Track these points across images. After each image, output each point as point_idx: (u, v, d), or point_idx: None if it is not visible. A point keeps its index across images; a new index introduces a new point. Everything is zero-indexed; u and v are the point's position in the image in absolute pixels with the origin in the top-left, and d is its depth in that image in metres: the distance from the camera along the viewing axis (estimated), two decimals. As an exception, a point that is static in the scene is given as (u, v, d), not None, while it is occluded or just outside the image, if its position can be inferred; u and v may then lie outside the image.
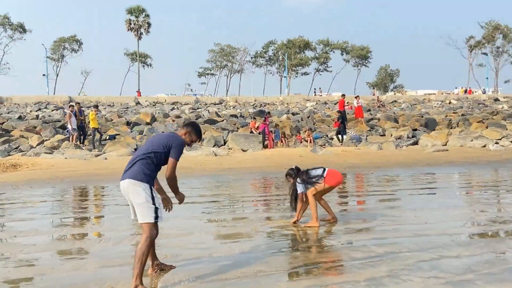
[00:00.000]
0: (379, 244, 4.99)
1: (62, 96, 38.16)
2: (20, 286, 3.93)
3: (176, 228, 5.91)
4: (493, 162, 13.99)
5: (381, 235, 5.45)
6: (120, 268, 4.33)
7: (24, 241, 5.42)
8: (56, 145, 15.94)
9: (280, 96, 48.40)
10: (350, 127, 21.51)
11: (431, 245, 4.92)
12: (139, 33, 57.05)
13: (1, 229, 6.23)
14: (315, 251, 4.89)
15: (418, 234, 5.45)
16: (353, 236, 5.46)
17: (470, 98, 43.54)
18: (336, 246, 5.07)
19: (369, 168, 12.77)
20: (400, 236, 5.34)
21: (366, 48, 72.91)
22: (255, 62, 72.35)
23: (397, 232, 5.55)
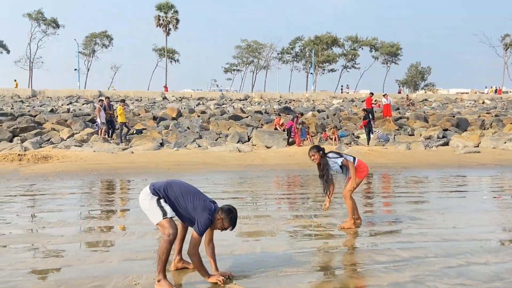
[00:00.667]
0: (404, 248, 4.86)
1: (92, 91, 39.09)
2: (48, 276, 4.04)
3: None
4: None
5: (407, 238, 5.31)
6: (144, 262, 4.38)
7: (53, 232, 5.57)
8: (85, 138, 16.35)
9: (306, 92, 48.03)
10: (377, 125, 21.14)
11: (458, 251, 4.76)
12: (168, 29, 57.72)
13: (31, 220, 6.43)
14: (337, 252, 4.81)
15: (445, 238, 5.28)
16: (377, 238, 5.34)
17: (504, 98, 41.99)
18: (360, 248, 4.97)
19: (396, 169, 12.50)
20: (426, 241, 5.19)
21: (396, 45, 71.31)
22: (281, 58, 71.99)
23: (424, 236, 5.40)
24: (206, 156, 14.00)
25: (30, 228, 5.93)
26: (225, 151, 15.06)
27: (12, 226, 5.88)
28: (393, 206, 7.65)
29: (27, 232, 5.68)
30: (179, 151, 15.03)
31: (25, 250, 4.78)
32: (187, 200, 3.79)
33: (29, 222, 6.29)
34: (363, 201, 7.92)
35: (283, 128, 18.46)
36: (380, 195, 8.87)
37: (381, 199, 8.44)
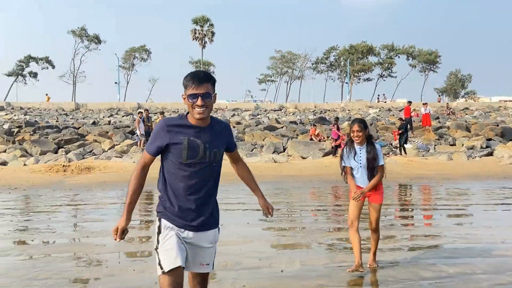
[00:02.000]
0: (450, 264, 4.66)
1: (132, 103, 40.39)
2: (91, 285, 4.15)
3: (235, 235, 5.95)
4: None
5: (452, 253, 5.09)
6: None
7: (96, 241, 5.74)
8: (125, 149, 16.85)
9: (341, 102, 47.53)
10: (416, 135, 20.57)
11: (508, 267, 4.51)
12: (203, 42, 58.96)
13: (75, 229, 6.67)
14: (379, 267, 4.67)
15: (494, 254, 5.02)
16: (421, 253, 5.15)
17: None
18: (402, 263, 4.81)
19: (437, 180, 12.07)
20: (473, 256, 4.96)
21: (435, 53, 69.53)
22: (315, 68, 71.83)
23: (470, 251, 5.16)
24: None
25: (74, 237, 6.14)
26: (260, 162, 15.07)
27: (57, 235, 6.11)
28: (436, 219, 7.37)
29: (71, 241, 5.88)
30: (215, 162, 15.16)
31: (70, 259, 4.95)
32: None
33: (73, 231, 6.52)
34: (402, 214, 7.68)
35: (318, 138, 18.32)
36: (421, 207, 8.58)
37: (423, 212, 8.16)
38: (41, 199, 9.28)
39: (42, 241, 5.81)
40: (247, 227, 6.55)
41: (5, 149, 16.13)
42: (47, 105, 39.03)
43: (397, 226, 6.84)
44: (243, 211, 7.98)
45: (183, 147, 2.39)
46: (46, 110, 35.64)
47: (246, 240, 5.77)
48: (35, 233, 6.21)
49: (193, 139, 2.41)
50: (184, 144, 2.40)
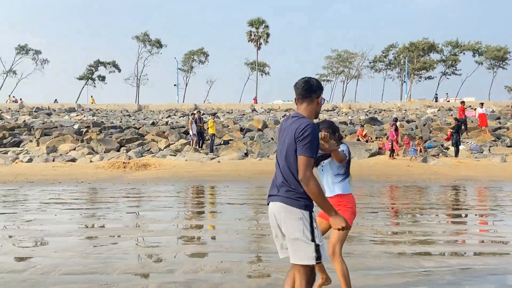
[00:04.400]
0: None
1: (189, 104, 42.30)
2: (148, 260, 4.97)
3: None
4: None
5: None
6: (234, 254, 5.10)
7: (145, 227, 6.62)
8: (179, 148, 18.06)
9: (398, 102, 46.28)
10: (471, 136, 19.87)
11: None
12: (259, 43, 60.03)
13: (128, 217, 7.62)
14: (458, 272, 5.01)
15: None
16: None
17: None
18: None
19: (482, 182, 11.82)
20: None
21: (504, 49, 65.19)
22: (373, 67, 70.26)
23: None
24: (267, 166, 14.57)
25: (127, 224, 7.07)
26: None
27: (113, 221, 7.08)
28: (465, 219, 7.45)
29: (125, 227, 6.81)
30: (262, 161, 15.87)
31: (121, 240, 5.82)
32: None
33: (126, 219, 7.47)
34: (451, 213, 7.81)
35: (366, 139, 18.37)
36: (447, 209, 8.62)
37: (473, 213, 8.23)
38: (102, 192, 10.49)
39: (100, 226, 6.79)
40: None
41: (74, 147, 17.97)
42: (113, 106, 42.04)
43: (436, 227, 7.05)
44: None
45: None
46: (112, 112, 38.46)
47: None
48: (95, 219, 7.23)
49: None
50: None
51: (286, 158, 2.70)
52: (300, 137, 2.62)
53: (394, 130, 16.23)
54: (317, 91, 2.80)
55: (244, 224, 6.73)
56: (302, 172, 2.59)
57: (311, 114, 2.79)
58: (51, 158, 16.28)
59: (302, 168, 2.59)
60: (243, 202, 8.88)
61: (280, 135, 2.84)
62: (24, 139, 20.21)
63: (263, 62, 65.53)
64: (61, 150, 17.87)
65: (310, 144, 2.61)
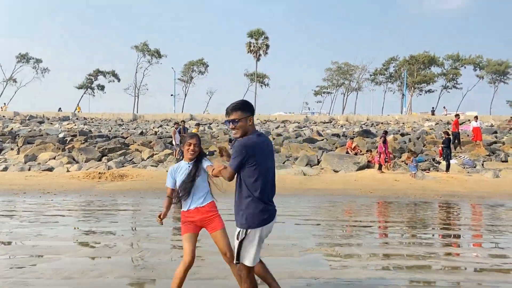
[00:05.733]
0: None
1: (185, 114, 41.93)
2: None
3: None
4: None
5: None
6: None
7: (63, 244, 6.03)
8: (162, 158, 17.52)
9: (396, 115, 45.74)
10: (465, 150, 19.23)
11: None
12: (258, 54, 59.87)
13: (39, 232, 7.05)
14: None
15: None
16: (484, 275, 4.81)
17: None
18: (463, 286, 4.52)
19: (469, 198, 11.18)
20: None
21: (505, 63, 64.82)
22: (374, 79, 69.97)
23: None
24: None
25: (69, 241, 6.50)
26: (289, 174, 14.94)
27: (53, 239, 6.50)
28: (430, 238, 6.84)
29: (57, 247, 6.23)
30: (244, 173, 15.28)
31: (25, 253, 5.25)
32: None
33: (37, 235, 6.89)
34: (410, 232, 7.19)
35: (355, 151, 17.78)
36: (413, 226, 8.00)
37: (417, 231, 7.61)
38: (55, 204, 9.92)
39: (20, 242, 6.23)
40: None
41: (54, 156, 17.48)
42: (109, 115, 41.70)
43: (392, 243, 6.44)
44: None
45: None
46: (106, 121, 38.10)
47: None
48: (18, 235, 6.67)
49: None
50: None
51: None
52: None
53: (382, 142, 15.64)
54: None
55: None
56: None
57: None
58: (27, 167, 15.78)
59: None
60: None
61: (264, 150, 3.30)
62: (5, 147, 19.77)
63: (262, 74, 65.38)
64: (40, 159, 17.38)
65: None
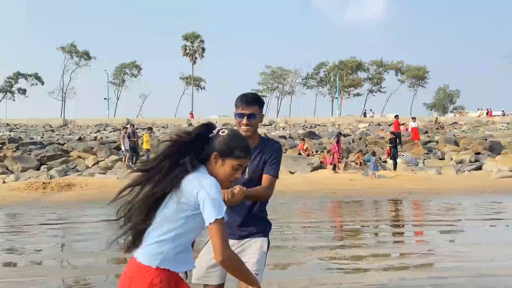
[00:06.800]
0: (438, 284, 4.39)
1: (121, 118, 40.04)
2: None
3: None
4: None
5: (440, 273, 4.83)
6: None
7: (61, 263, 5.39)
8: (110, 165, 16.47)
9: (331, 117, 47.65)
10: (405, 149, 20.46)
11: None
12: (194, 57, 59.11)
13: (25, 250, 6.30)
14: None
15: (483, 273, 4.76)
16: (407, 273, 4.88)
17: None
18: (388, 285, 4.53)
19: (426, 195, 11.87)
20: (462, 276, 4.69)
21: (423, 68, 70.53)
22: (306, 83, 72.36)
23: (459, 270, 4.90)
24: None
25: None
26: (247, 178, 14.79)
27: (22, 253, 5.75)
28: (425, 236, 7.12)
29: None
30: (201, 178, 14.88)
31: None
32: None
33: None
34: (392, 230, 7.43)
35: (307, 153, 18.13)
36: (410, 223, 8.34)
37: (412, 228, 7.91)
38: (14, 218, 8.88)
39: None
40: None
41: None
42: (35, 121, 38.52)
43: (386, 243, 6.57)
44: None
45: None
46: (33, 127, 35.13)
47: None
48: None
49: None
50: None
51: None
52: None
53: (336, 142, 16.13)
54: None
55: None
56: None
57: None
58: (-47, 180, 13.95)
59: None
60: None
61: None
62: None
63: (198, 77, 64.60)
64: (-33, 170, 15.46)
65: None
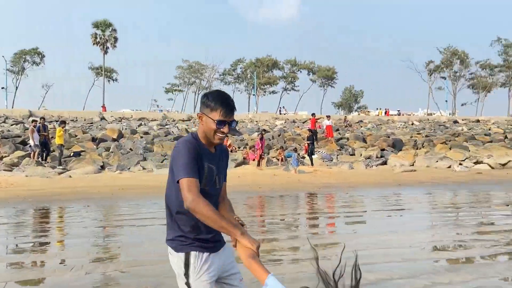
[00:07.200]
0: (369, 271, 4.84)
1: (22, 110, 36.39)
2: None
3: (153, 254, 5.52)
4: (464, 183, 14.34)
5: (369, 260, 5.31)
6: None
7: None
8: (16, 162, 15.03)
9: (248, 113, 48.50)
10: (320, 146, 21.70)
11: (421, 271, 4.82)
12: (105, 47, 55.91)
13: None
14: (291, 278, 4.66)
15: (405, 258, 5.35)
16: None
17: (431, 120, 45.22)
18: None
19: (342, 188, 12.78)
20: (388, 261, 5.22)
21: (332, 69, 74.83)
22: (223, 79, 72.61)
23: (386, 256, 5.43)
24: (153, 179, 13.39)
25: None
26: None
27: None
28: (339, 226, 7.71)
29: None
30: (123, 174, 14.28)
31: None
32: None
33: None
34: (309, 223, 7.90)
35: (230, 149, 18.31)
36: (328, 215, 8.94)
37: (329, 220, 8.50)
38: None
39: None
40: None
41: None
42: None
43: (320, 235, 7.00)
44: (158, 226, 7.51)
45: (204, 173, 2.13)
46: None
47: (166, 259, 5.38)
48: None
49: (211, 165, 2.16)
50: (205, 170, 2.13)
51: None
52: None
53: (260, 139, 16.56)
54: (200, 106, 2.23)
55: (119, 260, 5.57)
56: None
57: (200, 132, 2.21)
58: None
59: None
60: (119, 225, 7.56)
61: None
62: None
63: (110, 68, 61.25)
64: None
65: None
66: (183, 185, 1.99)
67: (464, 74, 69.20)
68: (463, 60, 67.38)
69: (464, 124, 39.25)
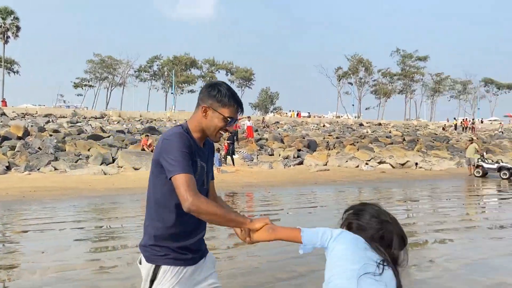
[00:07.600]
0: (301, 264, 5.22)
1: None
2: None
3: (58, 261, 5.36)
4: (370, 181, 15.74)
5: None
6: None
7: None
8: None
9: (166, 112, 47.52)
10: (241, 146, 22.17)
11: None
12: (6, 36, 50.81)
13: None
14: (233, 274, 4.90)
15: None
16: (277, 256, 5.61)
17: (340, 122, 48.45)
18: (259, 268, 5.15)
19: (264, 187, 13.29)
20: (316, 254, 5.65)
21: (250, 71, 76.47)
22: (138, 76, 70.15)
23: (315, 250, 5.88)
24: (67, 180, 12.65)
25: None
26: (88, 174, 13.86)
27: None
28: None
29: None
30: (32, 175, 13.27)
31: None
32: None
33: None
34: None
35: (151, 149, 17.92)
36: (246, 212, 9.33)
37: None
38: None
39: None
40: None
41: None
42: None
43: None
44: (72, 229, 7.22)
45: (197, 171, 1.95)
46: None
47: (96, 262, 5.26)
48: None
49: (202, 162, 2.01)
50: (198, 168, 1.97)
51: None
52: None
53: None
54: (204, 98, 2.00)
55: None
56: None
57: (194, 125, 2.02)
58: None
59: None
60: (38, 229, 7.09)
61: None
62: None
63: (11, 59, 55.77)
64: None
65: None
66: (180, 183, 1.78)
67: (368, 80, 75.32)
68: (368, 67, 73.25)
69: (368, 127, 42.76)
